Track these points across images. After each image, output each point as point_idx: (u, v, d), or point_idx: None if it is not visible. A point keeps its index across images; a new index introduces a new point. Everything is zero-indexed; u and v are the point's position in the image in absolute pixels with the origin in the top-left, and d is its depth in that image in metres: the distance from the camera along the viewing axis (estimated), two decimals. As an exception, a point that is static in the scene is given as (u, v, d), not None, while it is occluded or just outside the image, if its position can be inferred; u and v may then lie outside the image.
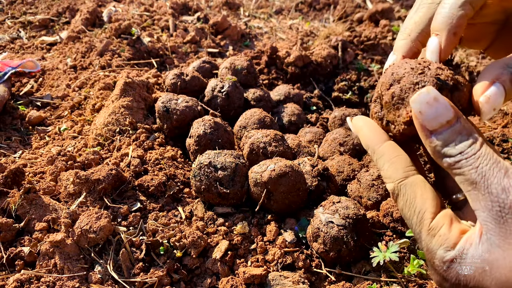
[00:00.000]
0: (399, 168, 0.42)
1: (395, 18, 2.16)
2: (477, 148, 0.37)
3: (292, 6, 2.56)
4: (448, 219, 0.39)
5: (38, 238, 0.80)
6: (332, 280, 0.77)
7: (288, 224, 0.86)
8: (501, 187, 0.34)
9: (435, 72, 0.43)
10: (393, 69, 0.46)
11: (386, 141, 0.45)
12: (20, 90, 1.41)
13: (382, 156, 0.44)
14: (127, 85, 1.18)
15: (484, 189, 0.35)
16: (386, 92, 0.45)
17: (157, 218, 0.85)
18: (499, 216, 0.34)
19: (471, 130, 0.38)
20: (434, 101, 0.39)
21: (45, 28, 1.96)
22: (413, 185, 0.41)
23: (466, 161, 0.37)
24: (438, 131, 0.39)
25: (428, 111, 0.39)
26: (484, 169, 0.36)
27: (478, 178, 0.36)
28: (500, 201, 0.34)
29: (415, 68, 0.44)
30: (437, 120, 0.38)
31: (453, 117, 0.38)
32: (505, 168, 0.35)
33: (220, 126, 1.01)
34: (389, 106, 0.45)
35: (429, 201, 0.40)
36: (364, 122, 0.48)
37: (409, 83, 0.43)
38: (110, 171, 0.88)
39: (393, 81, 0.45)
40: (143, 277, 0.74)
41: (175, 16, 2.05)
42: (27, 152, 1.11)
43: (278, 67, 1.58)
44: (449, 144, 0.38)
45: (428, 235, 0.40)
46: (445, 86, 0.42)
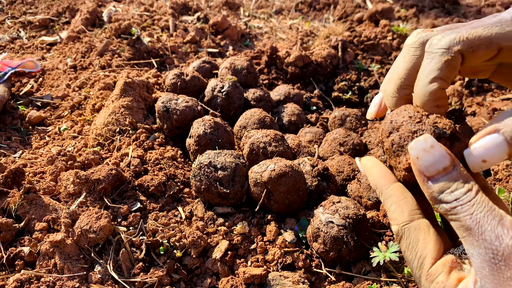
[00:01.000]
0: (405, 211, 0.44)
1: (395, 18, 2.16)
2: (473, 195, 0.38)
3: (292, 6, 2.56)
4: (448, 266, 0.40)
5: (38, 238, 0.80)
6: (332, 280, 0.77)
7: (288, 224, 0.86)
8: (494, 234, 0.35)
9: (433, 121, 0.44)
10: (392, 116, 0.47)
11: (394, 182, 0.46)
12: (20, 90, 1.41)
13: (389, 197, 0.45)
14: (127, 85, 1.18)
15: (478, 236, 0.36)
16: (386, 139, 0.46)
17: (157, 218, 0.85)
18: (492, 263, 0.35)
19: (467, 178, 0.39)
20: (431, 148, 0.40)
21: (45, 28, 1.96)
22: (416, 229, 0.42)
23: (462, 207, 0.38)
24: (435, 177, 0.40)
25: (425, 158, 0.40)
26: (479, 216, 0.37)
27: (472, 225, 0.37)
28: (493, 248, 0.35)
29: (413, 116, 0.45)
30: (433, 166, 0.40)
31: (449, 165, 0.40)
32: (499, 216, 0.36)
33: (220, 126, 1.01)
34: (389, 153, 0.46)
35: (431, 246, 0.41)
36: (373, 163, 0.49)
37: (407, 132, 0.44)
38: (110, 171, 0.88)
39: (392, 129, 0.46)
40: (143, 277, 0.74)
41: (175, 16, 2.05)
42: (27, 152, 1.11)
43: (278, 67, 1.58)
44: (445, 190, 0.39)
45: (426, 281, 0.41)
46: (443, 135, 0.43)
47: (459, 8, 2.42)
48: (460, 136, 0.43)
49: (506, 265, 0.34)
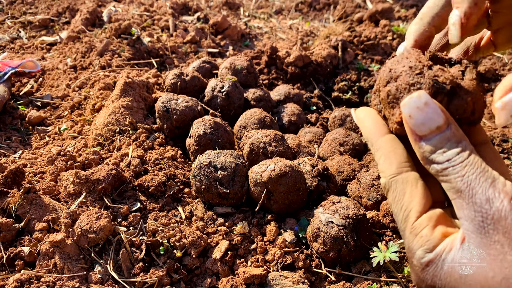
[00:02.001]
0: (393, 163, 0.42)
1: (395, 18, 2.16)
2: (465, 156, 0.37)
3: (292, 6, 2.56)
4: (433, 221, 0.39)
5: (38, 238, 0.80)
6: (332, 280, 0.77)
7: (288, 224, 0.86)
8: (485, 197, 0.34)
9: (434, 73, 0.41)
10: (392, 64, 0.44)
11: (385, 134, 0.44)
12: (20, 90, 1.41)
13: (379, 149, 0.44)
14: (127, 85, 1.18)
15: (468, 198, 0.35)
16: (382, 88, 0.44)
17: (157, 218, 0.85)
18: (480, 227, 0.34)
19: (461, 138, 0.38)
20: (425, 106, 0.38)
21: (45, 28, 1.96)
22: (404, 182, 0.41)
23: (453, 168, 0.37)
24: (427, 136, 0.38)
25: (418, 116, 0.38)
26: (470, 178, 0.35)
27: (463, 187, 0.36)
28: (483, 212, 0.34)
29: (413, 67, 0.42)
30: (426, 125, 0.38)
31: (443, 123, 0.38)
32: (492, 178, 0.35)
33: (220, 126, 1.01)
34: (385, 103, 0.44)
35: (417, 200, 0.40)
36: (366, 114, 0.47)
37: (405, 83, 0.41)
38: (110, 171, 0.88)
39: (390, 78, 0.43)
40: (143, 277, 0.74)
41: (175, 16, 2.05)
42: (27, 152, 1.11)
43: (278, 67, 1.58)
44: (437, 150, 0.38)
45: (410, 234, 0.40)
46: (441, 90, 0.40)
47: (459, 8, 2.41)
48: (462, 93, 0.40)
49: (495, 228, 0.33)
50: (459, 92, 0.40)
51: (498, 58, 1.73)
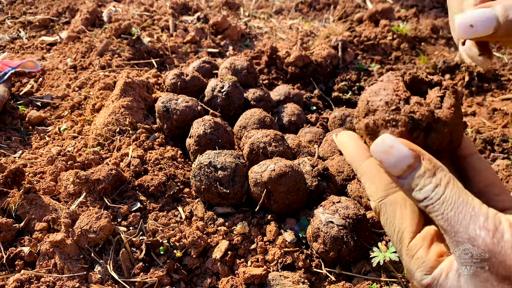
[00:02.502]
0: (379, 186, 0.42)
1: (395, 18, 2.16)
2: (441, 192, 0.36)
3: (292, 6, 2.56)
4: (428, 240, 0.39)
5: (38, 238, 0.80)
6: (332, 280, 0.77)
7: (288, 224, 0.86)
8: (467, 236, 0.34)
9: (410, 109, 0.41)
10: (370, 95, 0.44)
11: (368, 158, 0.44)
12: (20, 90, 1.41)
13: (364, 174, 0.44)
14: (127, 85, 1.18)
15: (451, 237, 0.35)
16: (362, 119, 0.45)
17: (157, 218, 0.85)
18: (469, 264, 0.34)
19: (435, 171, 0.37)
20: (391, 149, 0.38)
21: (45, 28, 1.96)
22: (392, 203, 0.41)
23: (432, 206, 0.36)
24: (402, 176, 0.39)
25: (387, 160, 0.39)
26: (450, 215, 0.35)
27: (445, 225, 0.35)
28: (467, 250, 0.34)
29: (389, 102, 0.42)
30: (398, 166, 0.38)
31: (414, 161, 0.38)
32: (471, 211, 0.34)
33: (220, 126, 1.02)
34: (364, 133, 0.45)
35: (408, 221, 0.40)
36: (348, 139, 0.47)
37: (381, 119, 0.42)
38: (110, 171, 0.88)
39: (368, 111, 0.44)
40: (143, 277, 0.74)
41: (175, 16, 2.05)
42: (27, 152, 1.11)
43: (278, 67, 1.58)
44: (414, 188, 0.38)
45: (407, 256, 0.40)
46: (417, 127, 0.40)
47: (459, 8, 2.41)
48: (438, 126, 0.40)
49: (482, 267, 0.33)
50: (436, 126, 0.41)
51: (498, 58, 1.73)
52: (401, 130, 0.40)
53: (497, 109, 1.43)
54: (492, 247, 0.32)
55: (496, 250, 0.32)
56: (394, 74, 0.46)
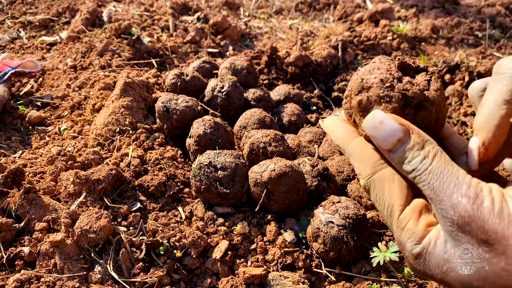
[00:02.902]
0: (367, 164, 0.43)
1: (395, 18, 2.16)
2: (428, 163, 0.38)
3: (292, 6, 2.56)
4: (417, 212, 0.40)
5: (38, 238, 0.80)
6: (332, 280, 0.77)
7: (288, 224, 0.86)
8: (450, 204, 0.35)
9: (403, 87, 0.43)
10: (364, 74, 0.46)
11: (355, 138, 0.46)
12: (20, 90, 1.41)
13: (352, 154, 0.45)
14: (127, 85, 1.18)
15: (437, 205, 0.37)
16: (354, 96, 0.46)
17: (157, 218, 0.85)
18: (450, 231, 0.36)
19: (424, 143, 0.39)
20: (381, 124, 0.40)
21: (45, 28, 1.96)
22: (381, 180, 0.42)
23: (420, 177, 0.38)
24: (392, 149, 0.40)
25: (378, 135, 0.41)
26: (435, 185, 0.37)
27: (431, 194, 0.37)
28: (449, 217, 0.35)
29: (384, 79, 0.44)
30: (388, 141, 0.40)
31: (403, 135, 0.40)
32: (455, 181, 0.36)
33: (220, 126, 1.02)
34: (355, 111, 0.46)
35: (397, 195, 0.41)
36: (335, 123, 0.49)
37: (375, 95, 0.43)
38: (110, 171, 0.88)
39: (361, 88, 0.45)
40: (143, 277, 0.74)
41: (175, 16, 2.05)
42: (27, 152, 1.11)
43: (278, 67, 1.58)
44: (404, 161, 0.40)
45: (397, 228, 0.41)
46: (409, 104, 0.43)
47: (459, 8, 2.42)
48: (427, 105, 0.43)
49: (462, 232, 0.34)
50: (425, 104, 0.43)
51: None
52: (394, 106, 0.42)
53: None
54: (472, 213, 0.34)
55: (476, 215, 0.34)
56: (385, 57, 0.49)
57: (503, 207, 0.33)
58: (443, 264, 0.37)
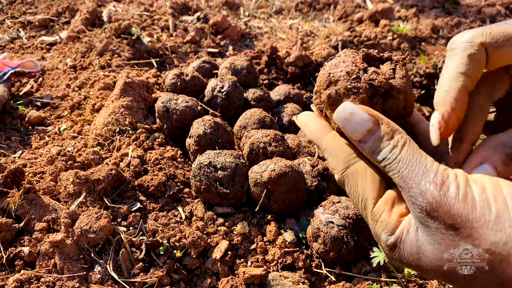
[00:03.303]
0: (340, 159, 0.44)
1: (395, 18, 2.15)
2: (397, 152, 0.39)
3: (292, 6, 2.56)
4: (389, 204, 0.41)
5: (38, 238, 0.80)
6: (332, 280, 0.77)
7: (288, 224, 0.86)
8: (418, 191, 0.36)
9: (369, 77, 0.44)
10: (330, 68, 0.47)
11: (328, 133, 0.47)
12: (20, 90, 1.41)
13: (325, 149, 0.46)
14: (127, 85, 1.18)
15: (406, 193, 0.37)
16: (323, 91, 0.47)
17: (157, 218, 0.85)
18: (420, 218, 0.37)
19: (393, 133, 0.40)
20: (351, 116, 0.41)
21: (45, 28, 1.96)
22: (354, 174, 0.43)
23: (390, 166, 0.39)
24: (363, 140, 0.41)
25: (348, 126, 0.41)
26: (404, 173, 0.38)
27: (401, 182, 0.38)
28: (418, 205, 0.36)
29: (350, 71, 0.45)
30: (358, 132, 0.41)
31: (373, 126, 0.40)
32: (423, 168, 0.37)
33: (220, 126, 1.01)
34: (326, 105, 0.47)
35: (370, 187, 0.42)
36: (308, 118, 0.50)
37: (343, 88, 0.44)
38: (110, 171, 0.88)
39: (329, 82, 0.46)
40: (143, 277, 0.74)
41: (175, 16, 2.05)
42: (27, 152, 1.10)
43: (278, 67, 1.58)
44: (374, 151, 0.40)
45: (372, 220, 0.42)
46: (377, 93, 0.43)
47: (459, 8, 2.41)
48: (394, 93, 0.44)
49: (431, 218, 0.35)
50: (392, 92, 0.44)
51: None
52: (362, 97, 0.43)
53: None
54: (439, 199, 0.35)
55: (442, 201, 0.35)
56: (349, 50, 0.49)
57: (467, 192, 0.34)
58: (416, 251, 0.38)
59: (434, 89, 1.63)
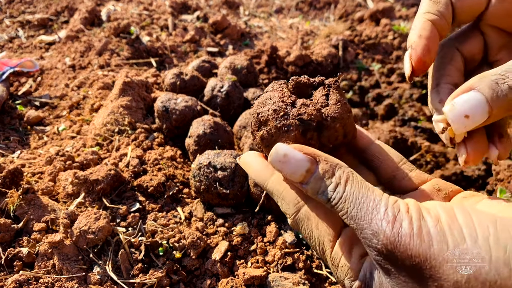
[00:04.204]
0: (289, 202, 0.41)
1: (396, 17, 2.15)
2: (342, 190, 0.36)
3: (292, 5, 2.55)
4: (347, 245, 0.39)
5: (37, 239, 0.79)
6: (332, 281, 0.77)
7: (288, 225, 0.86)
8: (371, 231, 0.33)
9: (297, 111, 0.41)
10: (258, 107, 0.45)
11: (272, 175, 0.44)
12: (18, 90, 1.40)
13: (272, 193, 0.43)
14: (126, 85, 1.17)
15: (360, 235, 0.34)
16: (256, 133, 0.44)
17: (156, 219, 0.85)
18: (379, 261, 0.33)
19: (333, 171, 0.37)
20: (285, 158, 0.38)
21: (44, 27, 1.95)
22: (306, 217, 0.41)
23: (337, 206, 0.36)
24: (304, 181, 0.38)
25: (285, 169, 0.38)
26: (353, 213, 0.34)
27: (352, 223, 0.35)
28: (374, 247, 0.33)
29: (277, 109, 0.42)
30: (296, 173, 0.38)
31: (310, 165, 0.38)
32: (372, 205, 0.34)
33: (219, 126, 1.01)
34: (262, 146, 0.44)
35: (324, 229, 0.40)
36: (251, 158, 0.47)
37: (274, 127, 0.42)
38: (109, 171, 0.88)
39: (260, 123, 0.44)
40: (142, 278, 0.73)
41: (174, 15, 2.04)
42: (25, 152, 1.10)
43: (278, 67, 1.57)
44: (318, 191, 0.37)
45: (333, 266, 0.39)
46: (309, 127, 0.41)
47: (460, 7, 2.41)
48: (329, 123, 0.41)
49: (389, 261, 0.32)
50: (326, 123, 0.41)
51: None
52: (295, 134, 0.40)
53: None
54: (393, 239, 0.31)
55: (397, 241, 0.31)
56: (277, 82, 0.47)
57: (421, 226, 0.31)
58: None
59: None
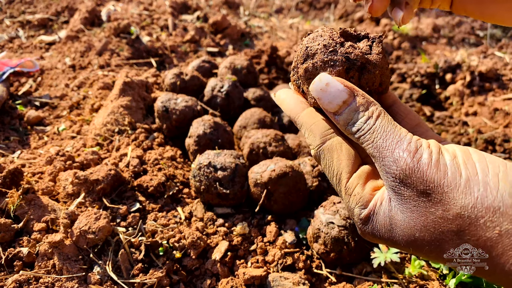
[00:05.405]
0: (317, 134, 0.45)
1: (396, 17, 2.15)
2: (372, 123, 0.40)
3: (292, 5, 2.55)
4: (363, 178, 0.42)
5: (37, 239, 0.79)
6: (332, 281, 0.77)
7: (288, 225, 0.86)
8: (392, 159, 0.37)
9: (346, 50, 0.45)
10: (308, 42, 0.48)
11: (304, 109, 0.48)
12: (18, 90, 1.40)
13: (302, 125, 0.47)
14: (126, 85, 1.17)
15: (380, 162, 0.38)
16: (300, 65, 0.47)
17: (156, 219, 0.85)
18: (393, 186, 0.37)
19: (368, 105, 0.41)
20: (327, 86, 0.42)
21: (44, 27, 1.95)
22: (330, 149, 0.44)
23: (364, 137, 0.40)
24: (338, 112, 0.42)
25: (324, 97, 0.42)
26: (379, 143, 0.38)
27: (374, 152, 0.39)
28: (392, 173, 0.37)
29: (327, 45, 0.45)
30: (333, 103, 0.42)
31: (348, 97, 0.41)
32: (398, 138, 0.38)
33: (219, 126, 1.01)
34: (303, 80, 0.48)
35: (344, 162, 0.43)
36: (286, 95, 0.50)
37: (320, 61, 0.45)
38: (109, 171, 0.88)
39: (307, 56, 0.47)
40: (142, 278, 0.73)
41: (174, 15, 2.04)
42: (25, 152, 1.10)
43: (278, 67, 1.57)
44: (349, 122, 0.41)
45: (346, 194, 0.42)
46: (353, 66, 0.44)
47: (460, 7, 2.41)
48: (370, 67, 0.45)
49: (404, 186, 0.36)
50: (368, 67, 0.45)
51: (499, 58, 1.73)
52: (339, 70, 0.44)
53: (499, 109, 1.42)
54: (412, 166, 0.36)
55: (415, 167, 0.35)
56: (327, 26, 0.50)
57: (439, 159, 0.35)
58: (388, 222, 0.38)
59: (435, 89, 1.62)
